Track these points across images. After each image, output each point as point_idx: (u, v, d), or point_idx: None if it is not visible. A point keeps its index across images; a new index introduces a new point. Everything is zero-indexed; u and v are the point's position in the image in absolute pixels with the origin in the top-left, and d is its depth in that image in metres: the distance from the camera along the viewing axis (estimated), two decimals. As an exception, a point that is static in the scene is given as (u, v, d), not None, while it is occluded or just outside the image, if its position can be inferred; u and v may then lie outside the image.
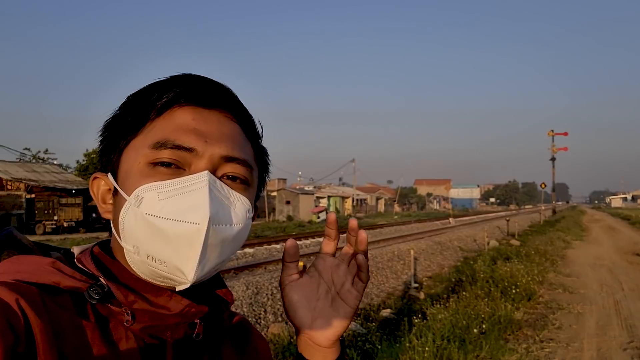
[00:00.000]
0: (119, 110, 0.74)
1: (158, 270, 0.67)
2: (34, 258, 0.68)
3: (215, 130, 0.71)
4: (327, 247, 0.83)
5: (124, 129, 0.72)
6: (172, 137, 0.68)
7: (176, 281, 0.68)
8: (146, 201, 0.66)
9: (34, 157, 41.67)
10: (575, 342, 6.65)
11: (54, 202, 28.91)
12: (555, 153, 46.69)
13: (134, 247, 0.68)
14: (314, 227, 31.78)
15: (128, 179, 0.70)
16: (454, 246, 18.25)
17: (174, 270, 0.66)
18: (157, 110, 0.70)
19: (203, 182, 0.67)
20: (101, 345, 0.64)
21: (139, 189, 0.67)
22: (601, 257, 15.70)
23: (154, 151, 0.68)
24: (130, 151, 0.71)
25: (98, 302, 0.66)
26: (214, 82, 0.74)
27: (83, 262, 0.71)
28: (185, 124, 0.70)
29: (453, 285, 10.32)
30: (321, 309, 0.79)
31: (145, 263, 0.68)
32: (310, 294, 0.79)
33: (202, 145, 0.69)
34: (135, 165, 0.69)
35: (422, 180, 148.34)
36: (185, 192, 0.66)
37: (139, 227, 0.67)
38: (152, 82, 0.73)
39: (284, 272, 0.81)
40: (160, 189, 0.67)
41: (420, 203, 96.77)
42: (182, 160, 0.69)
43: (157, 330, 0.69)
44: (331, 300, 0.79)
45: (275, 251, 16.19)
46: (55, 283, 0.65)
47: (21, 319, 0.57)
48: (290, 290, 0.80)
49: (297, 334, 0.81)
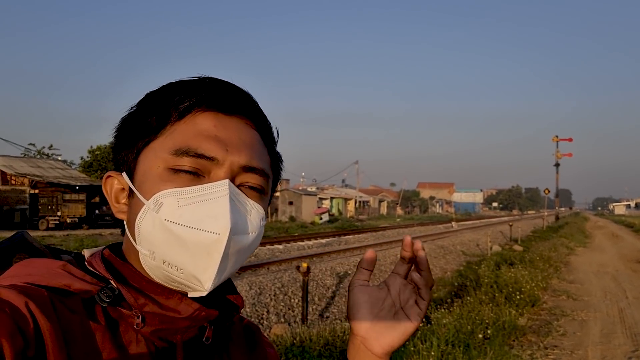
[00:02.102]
0: (137, 107, 0.73)
1: (173, 276, 0.68)
2: (44, 261, 0.68)
3: (235, 138, 0.70)
4: (400, 269, 0.83)
5: (143, 128, 0.71)
6: (194, 145, 0.68)
7: (191, 288, 0.68)
8: (165, 207, 0.66)
9: (39, 152, 41.78)
10: (580, 349, 6.62)
11: (57, 198, 28.99)
12: (559, 159, 46.56)
13: (149, 252, 0.68)
14: (316, 229, 31.82)
15: (146, 181, 0.69)
16: (456, 250, 18.23)
17: (191, 278, 0.67)
18: (178, 113, 0.70)
19: (224, 191, 0.67)
20: (111, 348, 0.63)
21: (159, 194, 0.67)
22: (605, 265, 15.65)
23: (175, 157, 0.68)
24: (149, 153, 0.70)
25: (108, 305, 0.66)
26: (235, 88, 0.73)
27: (94, 265, 0.71)
28: (207, 130, 0.69)
29: (456, 290, 10.30)
30: (383, 317, 0.79)
31: (160, 268, 0.68)
32: (375, 302, 0.80)
33: (223, 153, 0.68)
34: (154, 168, 0.69)
35: (425, 184, 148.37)
36: (205, 199, 0.66)
37: (156, 232, 0.66)
38: (174, 82, 0.73)
39: (357, 275, 0.82)
40: (180, 196, 0.66)
41: (423, 206, 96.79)
42: (203, 168, 0.68)
43: (167, 333, 0.69)
44: (394, 313, 0.80)
45: (278, 251, 16.20)
46: (65, 286, 0.65)
47: (30, 322, 0.57)
48: (359, 291, 0.81)
49: (350, 337, 0.82)
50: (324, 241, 20.38)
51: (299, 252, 16.46)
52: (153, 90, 0.73)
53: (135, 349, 0.66)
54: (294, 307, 8.79)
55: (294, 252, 16.19)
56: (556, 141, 46.85)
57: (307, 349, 5.57)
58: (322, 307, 9.20)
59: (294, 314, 8.52)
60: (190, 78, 0.73)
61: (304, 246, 18.21)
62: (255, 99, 0.76)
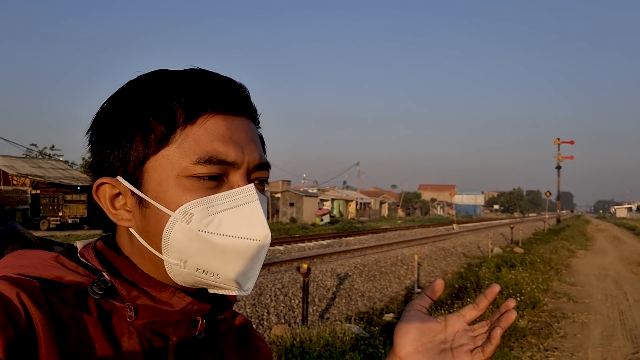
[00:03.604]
0: (125, 103, 0.68)
1: (208, 281, 0.69)
2: (37, 252, 0.68)
3: (245, 139, 0.71)
4: (468, 313, 0.81)
5: (146, 133, 0.67)
6: (214, 152, 0.66)
7: (226, 290, 0.71)
8: (197, 217, 0.66)
9: (40, 153, 41.79)
10: (580, 351, 6.61)
11: (59, 198, 29.07)
12: (561, 161, 46.55)
13: (180, 261, 0.68)
14: (317, 230, 31.81)
15: (166, 191, 0.67)
16: (457, 252, 18.21)
17: (229, 282, 0.69)
18: (189, 117, 0.67)
19: (253, 196, 0.68)
20: (103, 340, 0.63)
21: (187, 205, 0.66)
22: (606, 267, 15.62)
23: (197, 165, 0.66)
24: (164, 162, 0.66)
25: (101, 297, 0.66)
26: (237, 85, 0.72)
27: (86, 257, 0.70)
28: (222, 134, 0.68)
29: (456, 292, 10.28)
30: (428, 349, 0.78)
31: (192, 275, 0.69)
32: (427, 331, 0.79)
33: (242, 156, 0.69)
34: (172, 177, 0.66)
35: (426, 186, 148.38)
36: (235, 206, 0.67)
37: (189, 244, 0.66)
38: (167, 74, 0.70)
39: (418, 300, 0.83)
40: (210, 204, 0.66)
41: (424, 208, 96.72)
42: (223, 172, 0.68)
43: (159, 326, 0.69)
44: (440, 350, 0.78)
45: (278, 252, 16.19)
46: (58, 277, 0.65)
47: (22, 313, 0.57)
48: (414, 315, 0.80)
49: (390, 354, 0.82)
50: (324, 242, 20.35)
51: (299, 253, 16.44)
52: (140, 83, 0.70)
53: (128, 342, 0.66)
54: (294, 308, 8.79)
55: (295, 253, 16.17)
56: (558, 144, 46.85)
57: (307, 349, 5.57)
58: (322, 308, 9.19)
59: (294, 314, 8.51)
60: (185, 70, 0.71)
61: (304, 247, 18.18)
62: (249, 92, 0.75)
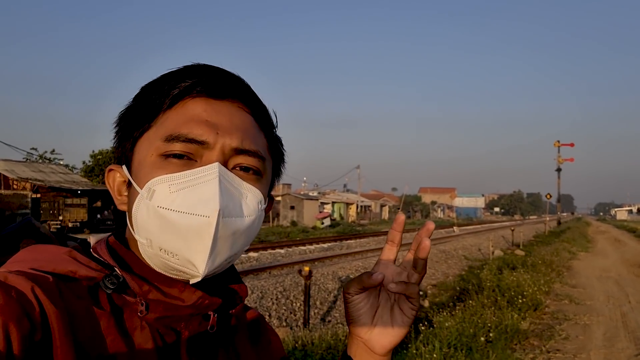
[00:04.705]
0: (132, 101, 0.74)
1: (170, 263, 0.68)
2: (50, 247, 0.69)
3: (226, 122, 0.70)
4: (388, 254, 0.81)
5: (137, 120, 0.72)
6: (184, 130, 0.68)
7: (188, 274, 0.68)
8: (158, 194, 0.67)
9: (41, 157, 41.76)
10: (582, 353, 6.59)
11: (59, 202, 29.07)
12: (561, 164, 46.49)
13: (147, 240, 0.68)
14: (318, 233, 31.77)
15: (141, 170, 0.70)
16: (458, 255, 18.20)
17: (186, 263, 0.67)
18: (169, 101, 0.70)
19: (213, 174, 0.67)
20: (116, 334, 0.64)
21: (151, 182, 0.68)
22: (607, 269, 15.59)
23: (166, 144, 0.68)
24: (144, 143, 0.71)
25: (113, 292, 0.67)
26: (225, 72, 0.73)
27: (99, 252, 0.71)
28: (197, 115, 0.69)
29: (458, 294, 10.27)
30: (380, 316, 0.79)
31: (158, 256, 0.68)
32: (372, 305, 0.79)
33: (214, 137, 0.69)
34: (147, 157, 0.70)
35: (426, 189, 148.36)
36: (195, 184, 0.66)
37: (151, 220, 0.67)
38: (165, 72, 0.73)
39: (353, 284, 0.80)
40: (172, 182, 0.67)
41: (425, 211, 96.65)
42: (194, 152, 0.69)
43: (171, 320, 0.69)
44: (390, 308, 0.79)
45: (279, 256, 16.19)
46: (71, 272, 0.65)
47: (37, 307, 0.57)
48: (356, 299, 0.79)
49: (350, 337, 0.82)
50: (325, 245, 20.39)
51: (300, 256, 16.46)
52: (147, 83, 0.74)
53: (140, 336, 0.66)
54: (295, 311, 8.78)
55: (296, 257, 16.19)
56: (558, 146, 46.81)
57: (309, 352, 5.57)
58: (324, 311, 9.18)
59: (295, 317, 8.50)
60: (181, 67, 0.73)
61: (305, 250, 18.18)
62: (247, 82, 0.75)
